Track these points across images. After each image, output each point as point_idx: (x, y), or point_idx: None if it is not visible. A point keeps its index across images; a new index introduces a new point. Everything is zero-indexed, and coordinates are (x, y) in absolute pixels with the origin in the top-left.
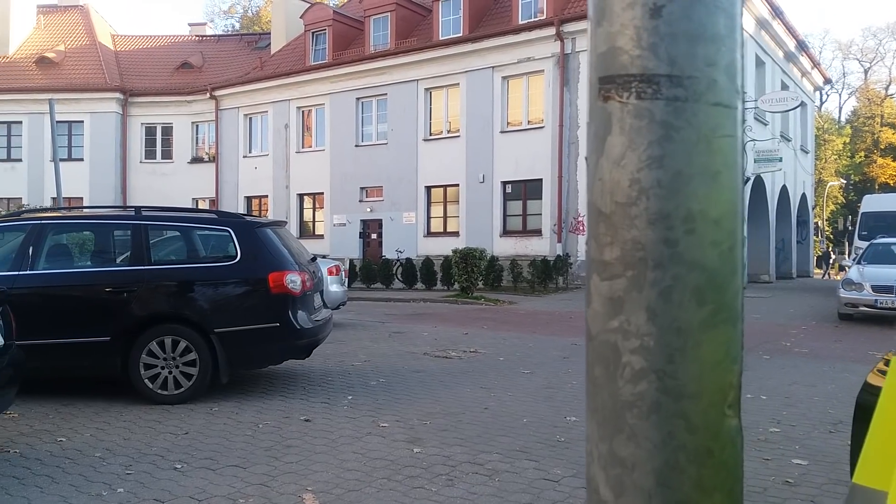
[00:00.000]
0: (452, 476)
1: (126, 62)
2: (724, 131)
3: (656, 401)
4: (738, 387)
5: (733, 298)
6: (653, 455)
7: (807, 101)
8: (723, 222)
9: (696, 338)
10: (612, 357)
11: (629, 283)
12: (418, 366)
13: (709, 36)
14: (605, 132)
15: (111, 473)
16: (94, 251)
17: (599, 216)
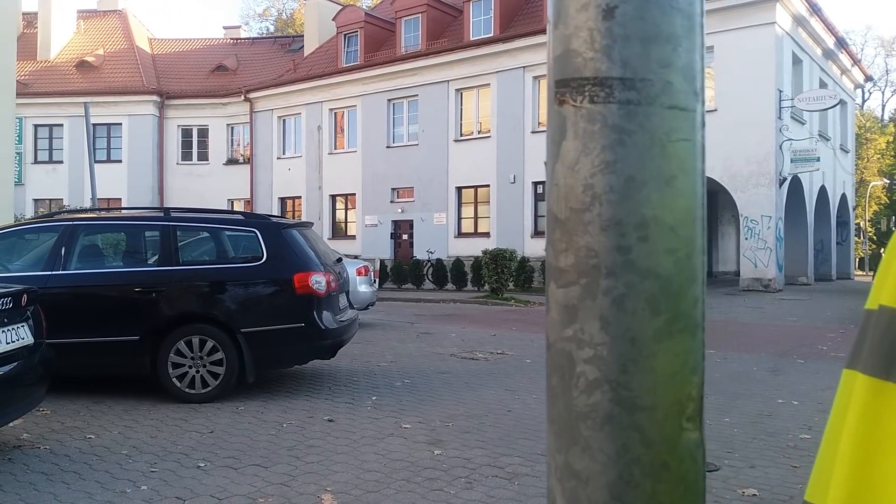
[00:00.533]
0: (472, 479)
1: (163, 65)
2: (679, 135)
3: (610, 412)
4: (699, 399)
5: (691, 307)
6: (607, 468)
7: (846, 100)
8: (679, 229)
9: (650, 348)
10: (567, 366)
11: (583, 291)
12: (444, 367)
13: (664, 37)
14: (561, 137)
15: (136, 471)
16: (124, 252)
17: (556, 222)
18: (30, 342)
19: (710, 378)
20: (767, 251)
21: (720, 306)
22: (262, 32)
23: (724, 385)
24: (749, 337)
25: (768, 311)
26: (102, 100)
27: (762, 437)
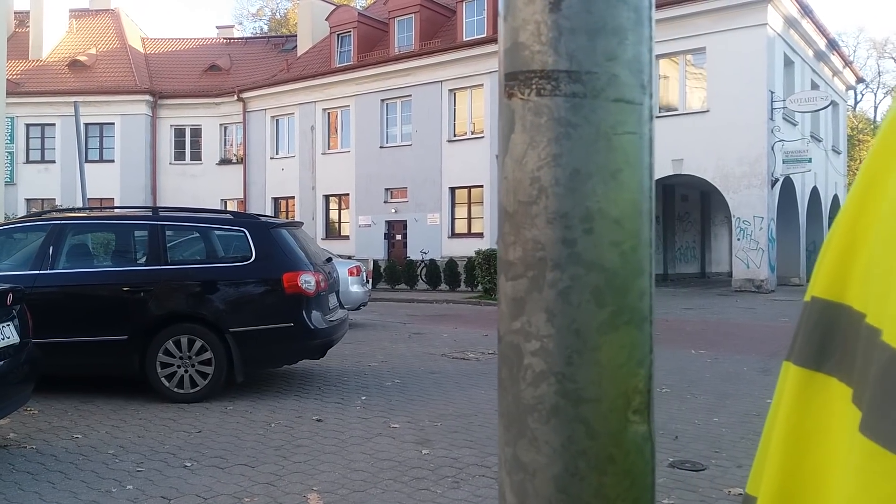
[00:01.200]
0: (459, 478)
1: (155, 65)
2: (625, 128)
3: (556, 404)
4: (646, 392)
5: (637, 300)
6: (553, 461)
7: (838, 101)
8: (624, 222)
9: (595, 340)
10: (515, 359)
11: (530, 284)
12: (435, 367)
13: (609, 29)
14: (509, 130)
15: (122, 470)
16: (113, 251)
17: (505, 216)
18: (15, 341)
19: (701, 378)
20: (760, 252)
21: (712, 307)
22: (256, 32)
23: (714, 385)
24: (740, 337)
25: (760, 312)
26: (95, 99)
27: (750, 437)
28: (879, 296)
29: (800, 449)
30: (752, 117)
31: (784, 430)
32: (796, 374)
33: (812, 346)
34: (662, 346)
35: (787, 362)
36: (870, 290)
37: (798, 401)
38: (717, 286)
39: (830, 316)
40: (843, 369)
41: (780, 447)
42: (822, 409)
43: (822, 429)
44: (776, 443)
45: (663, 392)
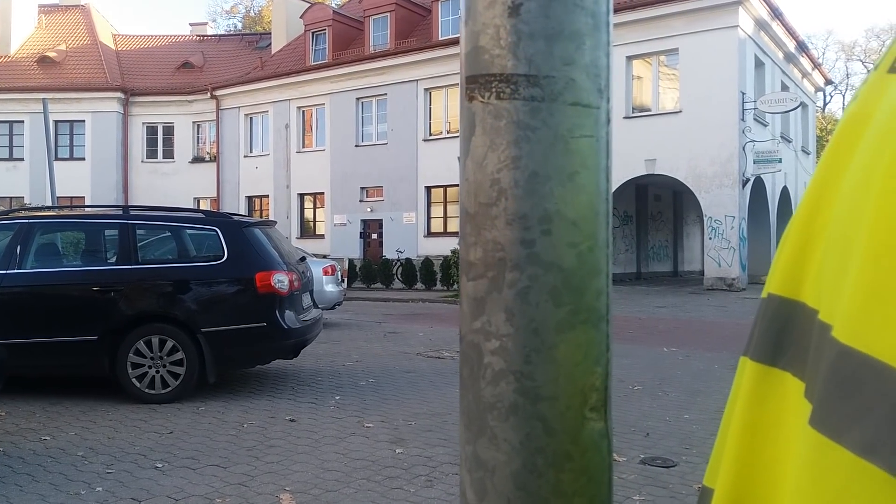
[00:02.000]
0: (432, 476)
1: (127, 62)
2: (582, 131)
3: (514, 402)
4: (603, 389)
5: (594, 300)
6: (511, 458)
7: (808, 102)
8: (581, 223)
9: (552, 339)
10: (475, 358)
11: (490, 284)
12: (410, 366)
13: (567, 35)
14: (470, 132)
15: (92, 472)
16: (82, 250)
17: (466, 217)
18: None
19: (673, 375)
20: (731, 251)
21: (685, 305)
22: (230, 29)
23: (685, 382)
24: (712, 335)
25: (731, 310)
26: (65, 96)
27: None
28: (831, 293)
29: (755, 442)
30: (723, 118)
31: (740, 424)
32: (752, 370)
33: (767, 342)
34: (635, 343)
35: (744, 357)
36: (823, 288)
37: (753, 395)
38: (690, 285)
39: (786, 312)
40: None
41: (736, 441)
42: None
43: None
44: (732, 436)
45: (635, 389)
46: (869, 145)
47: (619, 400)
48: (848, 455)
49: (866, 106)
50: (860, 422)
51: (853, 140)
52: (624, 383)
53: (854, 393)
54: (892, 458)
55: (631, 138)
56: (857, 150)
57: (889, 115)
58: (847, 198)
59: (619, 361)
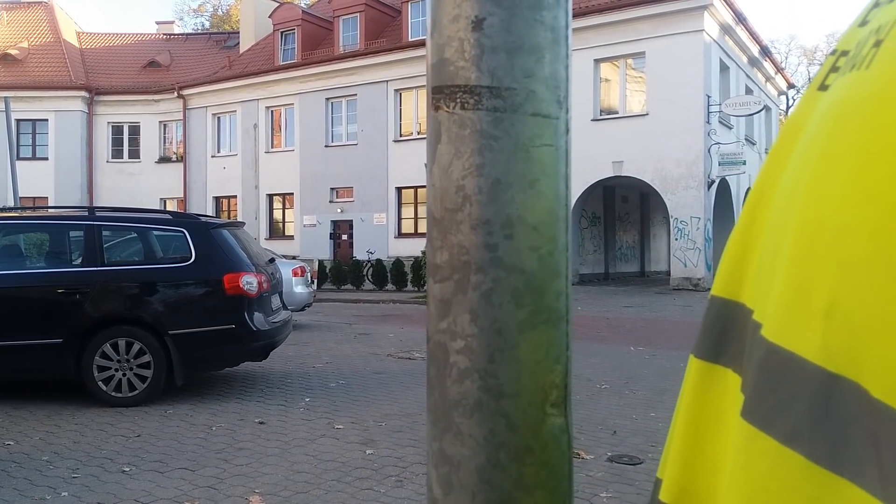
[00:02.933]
0: (402, 477)
1: (92, 60)
2: (542, 140)
3: (479, 399)
4: (563, 386)
5: (554, 300)
6: (476, 453)
7: (771, 106)
8: (541, 228)
9: (514, 338)
10: (442, 357)
11: (455, 286)
12: (380, 367)
13: (528, 48)
14: (436, 140)
15: (57, 477)
16: (47, 252)
17: (433, 221)
18: None
19: (639, 374)
20: (697, 251)
21: (651, 305)
22: (197, 28)
23: (651, 381)
24: (678, 334)
25: (697, 310)
26: (27, 94)
27: None
28: (763, 294)
29: (698, 435)
30: (689, 121)
31: (685, 418)
32: (697, 367)
33: (711, 340)
34: (602, 343)
35: (691, 355)
36: (757, 289)
37: (697, 391)
38: (656, 285)
39: (727, 313)
40: (736, 361)
41: (681, 434)
42: (719, 398)
43: (717, 416)
44: (678, 430)
45: (602, 388)
46: (798, 157)
47: (587, 399)
48: (774, 444)
49: (798, 120)
50: (784, 413)
51: (786, 152)
52: (591, 382)
53: (779, 387)
54: (812, 445)
55: (598, 141)
56: (789, 162)
57: (816, 128)
58: (778, 206)
59: (586, 360)
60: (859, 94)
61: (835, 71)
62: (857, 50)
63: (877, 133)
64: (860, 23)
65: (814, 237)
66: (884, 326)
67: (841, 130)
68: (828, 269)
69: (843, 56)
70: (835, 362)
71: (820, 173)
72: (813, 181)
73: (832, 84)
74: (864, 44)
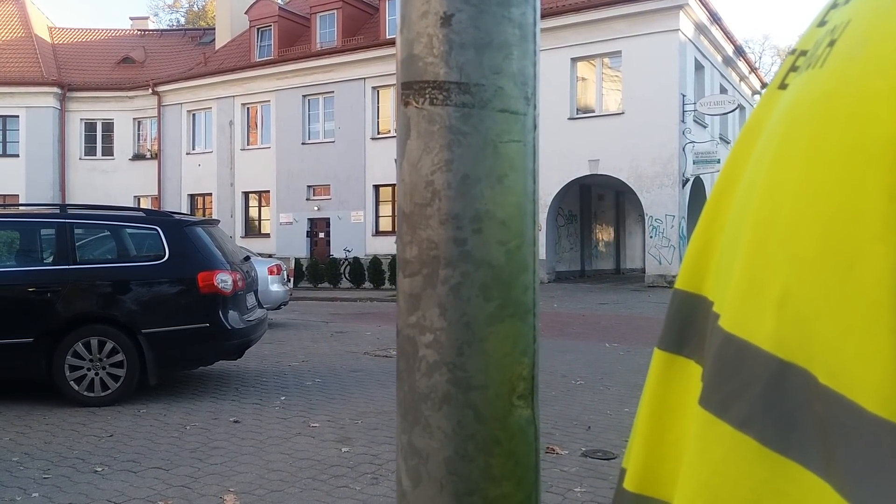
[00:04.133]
0: (378, 474)
1: (64, 56)
2: (510, 136)
3: (447, 392)
4: (531, 378)
5: (521, 294)
6: (444, 445)
7: (745, 105)
8: (509, 222)
9: (482, 331)
10: (411, 351)
11: (425, 280)
12: (357, 365)
13: (496, 45)
14: (406, 136)
15: (27, 478)
16: (17, 250)
17: (402, 216)
18: None
19: (614, 370)
20: (671, 249)
21: (626, 302)
22: (172, 24)
23: (626, 377)
24: (653, 331)
25: None
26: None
27: None
28: (722, 286)
29: (661, 425)
30: (664, 119)
31: (648, 408)
32: (660, 358)
33: (673, 332)
34: (578, 339)
35: (655, 348)
36: (718, 281)
37: (660, 381)
38: (631, 282)
39: (689, 305)
40: (697, 352)
41: (645, 423)
42: (680, 388)
43: (679, 406)
44: (641, 420)
45: (577, 384)
46: (756, 154)
47: (562, 394)
48: (728, 429)
49: (758, 118)
50: (738, 399)
51: (747, 149)
52: (567, 378)
53: (734, 374)
54: (764, 430)
55: (575, 139)
56: (749, 159)
57: (773, 127)
58: (738, 201)
59: (562, 357)
60: (812, 92)
61: (794, 70)
62: (814, 49)
63: (826, 131)
64: (819, 23)
65: (767, 232)
66: (831, 317)
67: (794, 129)
68: (780, 262)
69: (801, 56)
70: (786, 350)
71: (774, 170)
72: (768, 178)
73: (791, 83)
74: (821, 43)
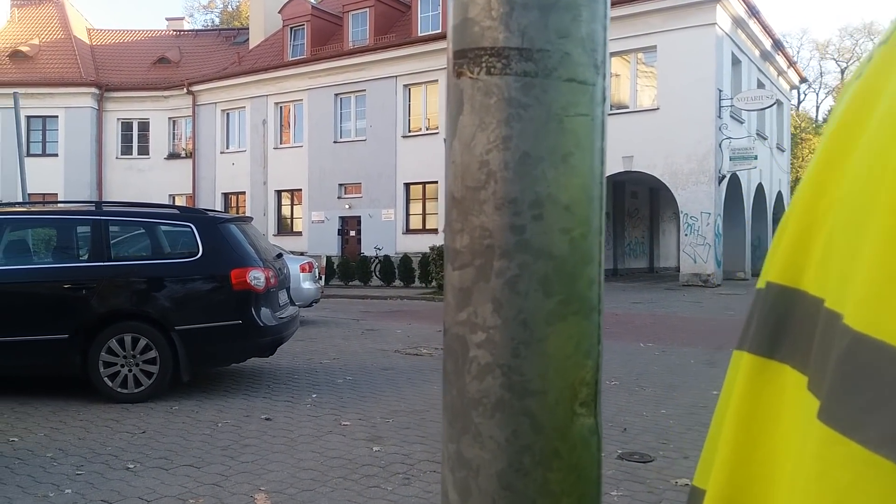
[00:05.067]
0: (410, 474)
1: (102, 56)
2: (577, 110)
3: (501, 398)
4: (594, 384)
5: (586, 289)
6: (497, 457)
7: (782, 100)
8: (574, 208)
9: (542, 330)
10: (460, 351)
11: (477, 273)
12: (388, 363)
13: (563, 5)
14: (458, 111)
15: (61, 474)
16: (54, 247)
17: (453, 202)
18: None
19: (649, 371)
20: (706, 247)
21: (661, 301)
22: (207, 25)
23: (661, 377)
24: (687, 331)
25: (707, 306)
26: (37, 91)
27: (697, 428)
28: (839, 279)
29: (750, 439)
30: (700, 115)
31: (735, 421)
32: (749, 363)
33: (765, 334)
34: (612, 339)
35: (739, 351)
36: (829, 275)
37: (750, 390)
38: (665, 281)
39: (785, 302)
40: (797, 356)
41: (730, 438)
42: (775, 398)
43: (773, 418)
44: (726, 433)
45: (612, 385)
46: (881, 123)
47: None
48: (859, 450)
49: (875, 81)
50: (874, 414)
51: (861, 118)
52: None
53: (868, 384)
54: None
55: (609, 135)
56: (866, 129)
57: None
58: (857, 178)
59: None
60: None
61: None
62: None
63: None
64: None
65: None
66: None
67: None
68: None
69: None
70: None
71: None
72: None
73: None
74: None
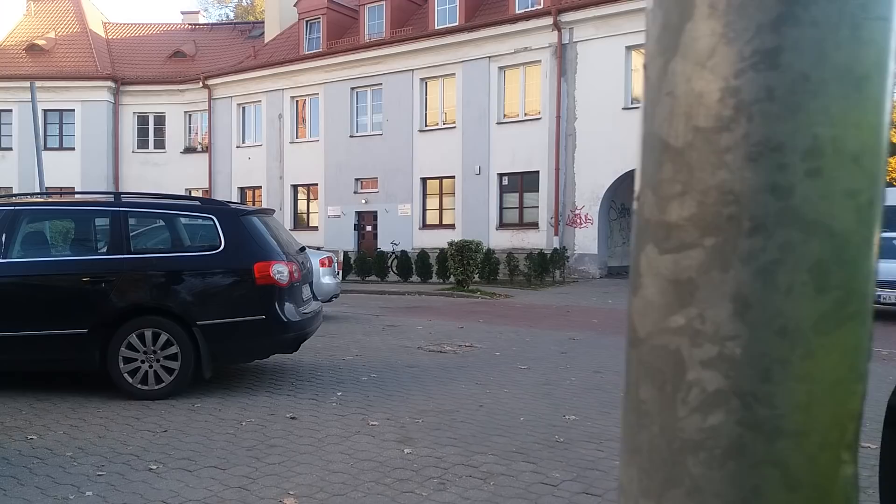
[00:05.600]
0: (445, 479)
1: (118, 50)
2: (877, 11)
3: (738, 439)
4: (859, 417)
5: (865, 282)
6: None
7: None
8: (864, 160)
9: (808, 343)
10: (671, 371)
11: (708, 257)
12: (412, 360)
13: None
14: (683, 17)
15: (81, 475)
16: (72, 239)
17: (664, 152)
18: None
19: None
20: None
21: None
22: (222, 18)
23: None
24: None
25: None
26: (54, 85)
27: None
28: None
29: None
30: None
31: None
32: None
33: None
34: None
35: None
36: None
37: None
38: None
39: None
40: None
41: None
42: None
43: None
44: None
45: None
46: None
47: None
48: None
49: None
50: None
51: None
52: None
53: None
54: None
55: (629, 130)
56: None
57: None
58: None
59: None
60: None
61: None
62: None
63: None
64: None
65: None
66: None
67: None
68: None
69: None
70: None
71: None
72: None
73: None
74: None
